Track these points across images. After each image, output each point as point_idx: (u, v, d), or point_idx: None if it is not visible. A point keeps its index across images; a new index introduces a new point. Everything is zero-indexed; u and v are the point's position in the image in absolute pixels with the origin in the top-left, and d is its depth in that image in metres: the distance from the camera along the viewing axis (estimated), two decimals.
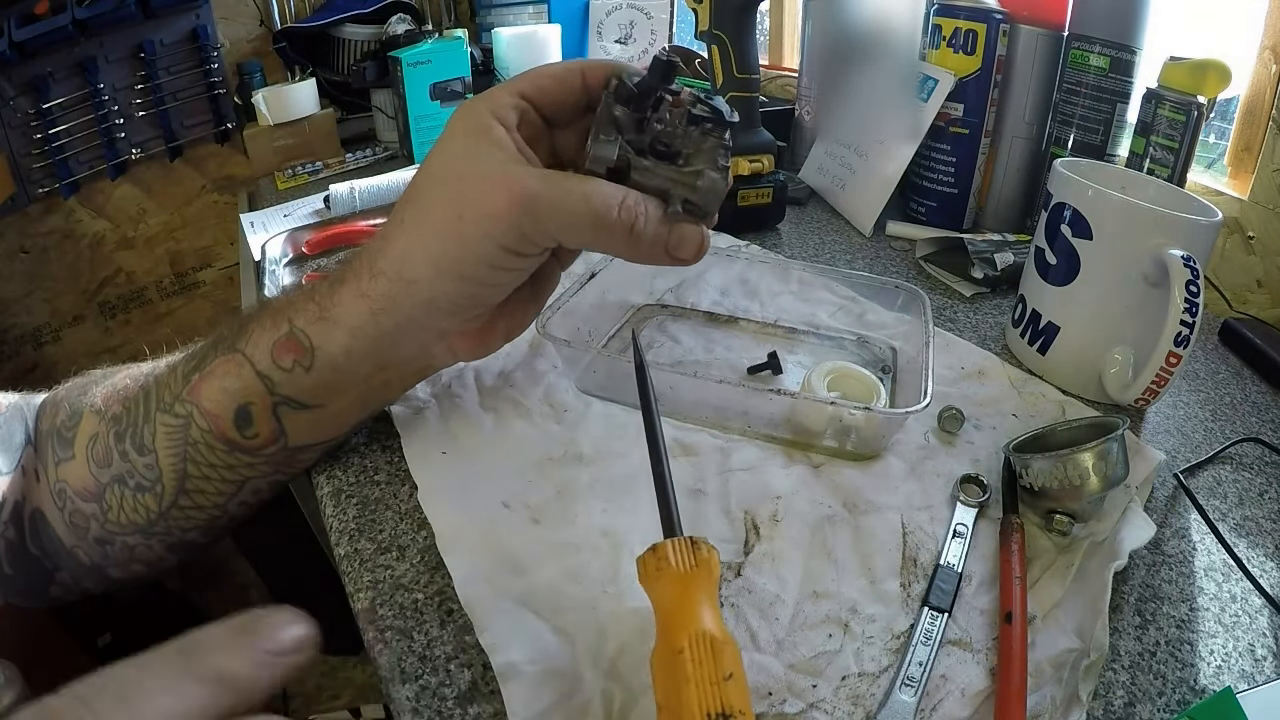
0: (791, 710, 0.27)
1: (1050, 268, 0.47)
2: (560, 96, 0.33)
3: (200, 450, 0.34)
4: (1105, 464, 0.34)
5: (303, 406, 0.34)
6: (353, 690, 1.04)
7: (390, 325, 0.33)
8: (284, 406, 0.34)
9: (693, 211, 0.32)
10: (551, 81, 0.33)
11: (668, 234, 0.32)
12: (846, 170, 0.77)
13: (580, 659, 0.28)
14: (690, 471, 0.38)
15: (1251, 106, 0.61)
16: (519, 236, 0.30)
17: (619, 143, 0.31)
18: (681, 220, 0.32)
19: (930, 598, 0.31)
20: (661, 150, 0.32)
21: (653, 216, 0.31)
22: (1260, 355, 0.52)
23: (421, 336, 0.34)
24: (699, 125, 0.32)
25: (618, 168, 0.31)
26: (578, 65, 0.33)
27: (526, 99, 0.32)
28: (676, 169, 0.32)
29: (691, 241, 0.32)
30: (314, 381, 0.33)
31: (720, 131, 0.32)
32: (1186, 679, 0.30)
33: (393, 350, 0.34)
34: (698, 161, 0.32)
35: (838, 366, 0.43)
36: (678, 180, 0.32)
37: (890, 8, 0.77)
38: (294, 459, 0.36)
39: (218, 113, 1.23)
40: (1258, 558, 0.36)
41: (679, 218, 0.32)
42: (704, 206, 0.32)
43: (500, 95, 0.32)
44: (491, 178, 0.30)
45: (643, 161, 0.32)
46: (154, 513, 0.35)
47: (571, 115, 0.34)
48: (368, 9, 1.07)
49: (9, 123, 1.08)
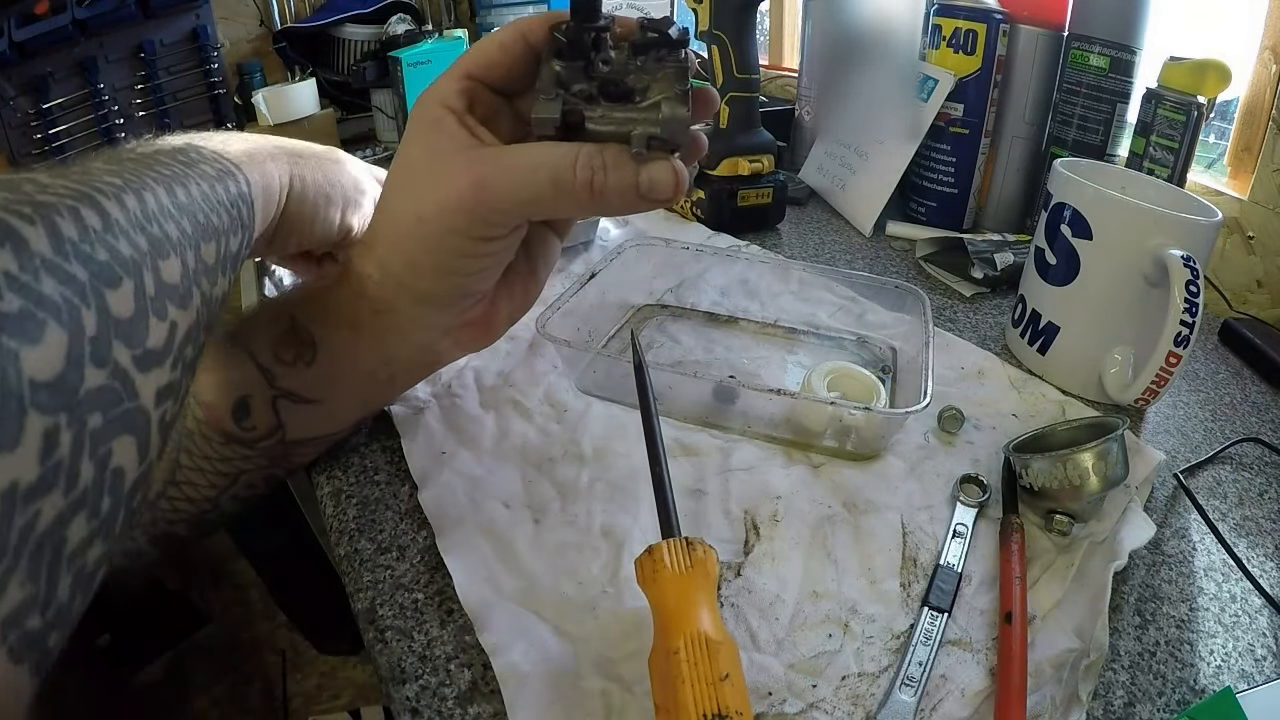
0: (791, 710, 0.27)
1: (1050, 268, 0.47)
2: (508, 64, 0.32)
3: (195, 441, 0.34)
4: (1105, 464, 0.34)
5: (303, 400, 0.34)
6: (353, 690, 1.04)
7: (392, 324, 0.33)
8: (284, 400, 0.34)
9: (659, 147, 0.29)
10: (497, 52, 0.32)
11: (636, 178, 0.29)
12: (846, 170, 0.77)
13: (580, 659, 0.28)
14: (690, 471, 0.38)
15: (1251, 106, 0.61)
16: (480, 222, 0.30)
17: (560, 99, 0.29)
18: (648, 160, 0.29)
19: (930, 598, 0.31)
20: (613, 91, 0.30)
21: (613, 165, 0.29)
22: (1260, 355, 0.52)
23: (424, 334, 0.34)
24: (647, 54, 0.29)
25: (571, 124, 0.29)
26: (517, 27, 0.32)
27: (474, 77, 0.32)
28: (634, 107, 0.29)
29: (664, 180, 0.29)
30: (315, 376, 0.33)
31: (673, 53, 0.29)
32: (1186, 679, 0.30)
33: (399, 346, 0.34)
34: (656, 92, 0.29)
35: (838, 366, 0.43)
36: (636, 119, 0.29)
37: (890, 8, 0.77)
38: (291, 453, 0.36)
39: (218, 113, 1.23)
40: (1258, 558, 0.36)
41: (644, 157, 0.29)
42: (670, 139, 0.29)
43: (445, 82, 0.31)
44: (440, 171, 0.30)
45: (596, 109, 0.29)
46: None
47: (525, 80, 0.33)
48: (368, 9, 1.07)
49: (9, 123, 1.08)
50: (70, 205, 0.19)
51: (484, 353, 0.46)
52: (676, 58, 0.29)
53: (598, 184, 0.29)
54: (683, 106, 0.29)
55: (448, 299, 0.32)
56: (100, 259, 0.19)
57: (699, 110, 0.31)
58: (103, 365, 0.19)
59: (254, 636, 1.13)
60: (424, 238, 0.30)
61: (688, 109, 0.29)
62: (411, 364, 0.36)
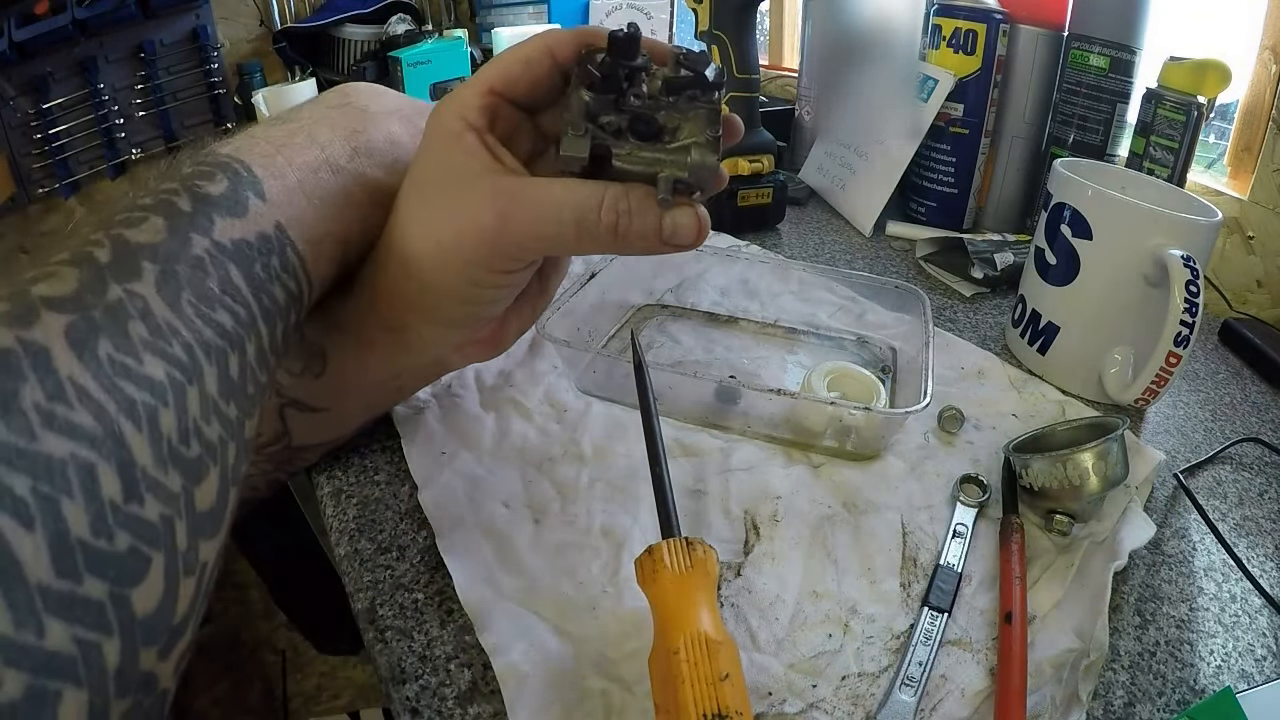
0: (791, 710, 0.27)
1: (1050, 268, 0.47)
2: (532, 81, 0.31)
3: None
4: (1105, 464, 0.34)
5: (310, 409, 0.34)
6: (353, 690, 1.04)
7: (402, 341, 0.32)
8: (291, 409, 0.34)
9: (684, 192, 0.29)
10: (521, 68, 0.30)
11: (659, 223, 0.29)
12: (846, 170, 0.77)
13: (580, 659, 0.28)
14: (690, 471, 0.38)
15: (1251, 107, 0.61)
16: (501, 256, 0.29)
17: (589, 135, 0.28)
18: (673, 205, 0.29)
19: (930, 598, 0.31)
20: (643, 130, 0.29)
21: (638, 210, 0.28)
22: (1260, 355, 0.52)
23: (434, 351, 0.34)
24: (680, 94, 0.28)
25: (598, 156, 0.29)
26: (544, 42, 0.30)
27: (496, 93, 0.30)
28: (662, 148, 0.28)
29: (688, 227, 0.29)
30: (323, 386, 0.33)
31: (707, 95, 0.28)
32: (1186, 679, 0.30)
33: (408, 360, 0.34)
34: (685, 134, 0.28)
35: (838, 366, 0.43)
36: (664, 161, 0.28)
37: (890, 8, 0.77)
38: (295, 458, 0.36)
39: (218, 113, 1.23)
40: (1258, 558, 0.36)
41: (669, 204, 0.29)
42: (697, 185, 0.29)
43: (467, 96, 0.30)
44: (461, 197, 0.28)
45: (624, 146, 0.29)
46: None
47: (549, 96, 0.32)
48: (368, 9, 1.07)
49: (9, 123, 1.08)
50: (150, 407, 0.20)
51: None
52: (710, 100, 0.28)
53: (622, 228, 0.28)
54: (713, 154, 0.28)
55: (461, 323, 0.32)
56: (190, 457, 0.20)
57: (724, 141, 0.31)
58: (190, 573, 0.20)
59: (254, 636, 1.13)
60: (441, 266, 0.29)
61: (718, 157, 0.28)
62: (419, 375, 0.36)
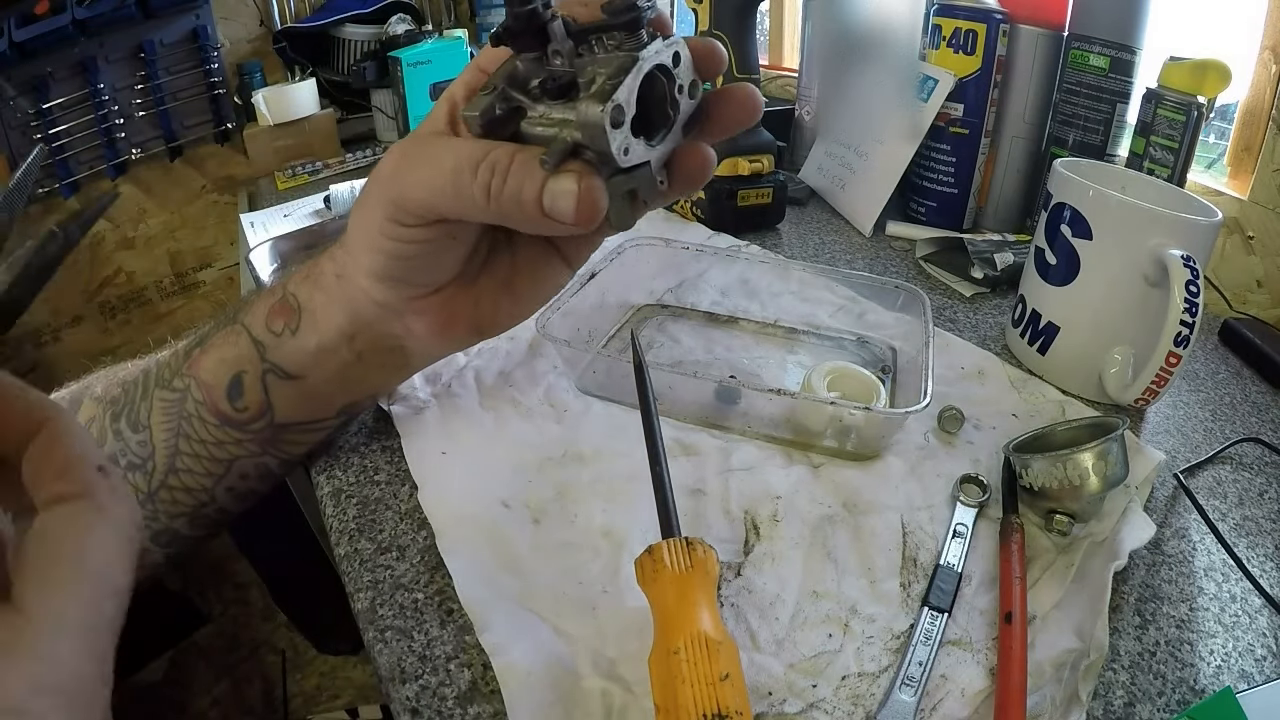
0: (791, 710, 0.27)
1: (1050, 268, 0.47)
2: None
3: (193, 424, 0.35)
4: (1105, 464, 0.34)
5: (287, 376, 0.34)
6: (353, 690, 1.04)
7: (345, 292, 0.33)
8: (271, 375, 0.34)
9: (581, 155, 0.24)
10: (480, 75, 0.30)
11: (537, 190, 0.25)
12: (846, 170, 0.77)
13: (580, 659, 0.28)
14: (690, 471, 0.38)
15: (1251, 107, 0.61)
16: (391, 206, 0.29)
17: (494, 95, 0.25)
18: (558, 172, 0.24)
19: (930, 598, 0.31)
20: (551, 87, 0.25)
21: (516, 172, 0.25)
22: (1260, 355, 0.52)
23: (372, 309, 0.33)
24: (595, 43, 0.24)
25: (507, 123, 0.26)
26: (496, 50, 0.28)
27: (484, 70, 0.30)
28: (569, 105, 0.24)
29: (565, 196, 0.24)
30: (298, 346, 0.34)
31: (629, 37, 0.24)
32: (1186, 679, 0.30)
33: (353, 316, 0.33)
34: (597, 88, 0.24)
35: (838, 366, 0.43)
36: (565, 121, 0.24)
37: (890, 8, 0.77)
38: (280, 439, 0.36)
39: (218, 113, 1.23)
40: (1258, 558, 0.36)
41: (548, 166, 0.24)
42: (593, 146, 0.24)
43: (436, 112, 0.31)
44: (393, 149, 0.30)
45: (537, 108, 0.25)
46: (142, 494, 0.36)
47: None
48: (368, 9, 1.07)
49: (9, 123, 1.08)
50: None
51: (484, 352, 0.46)
52: (630, 40, 0.24)
53: (494, 189, 0.25)
54: (598, 104, 0.23)
55: (383, 275, 0.32)
56: None
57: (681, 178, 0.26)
58: None
59: (254, 636, 1.13)
60: (360, 206, 0.31)
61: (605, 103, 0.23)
62: (374, 345, 0.35)
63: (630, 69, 0.23)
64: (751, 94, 0.27)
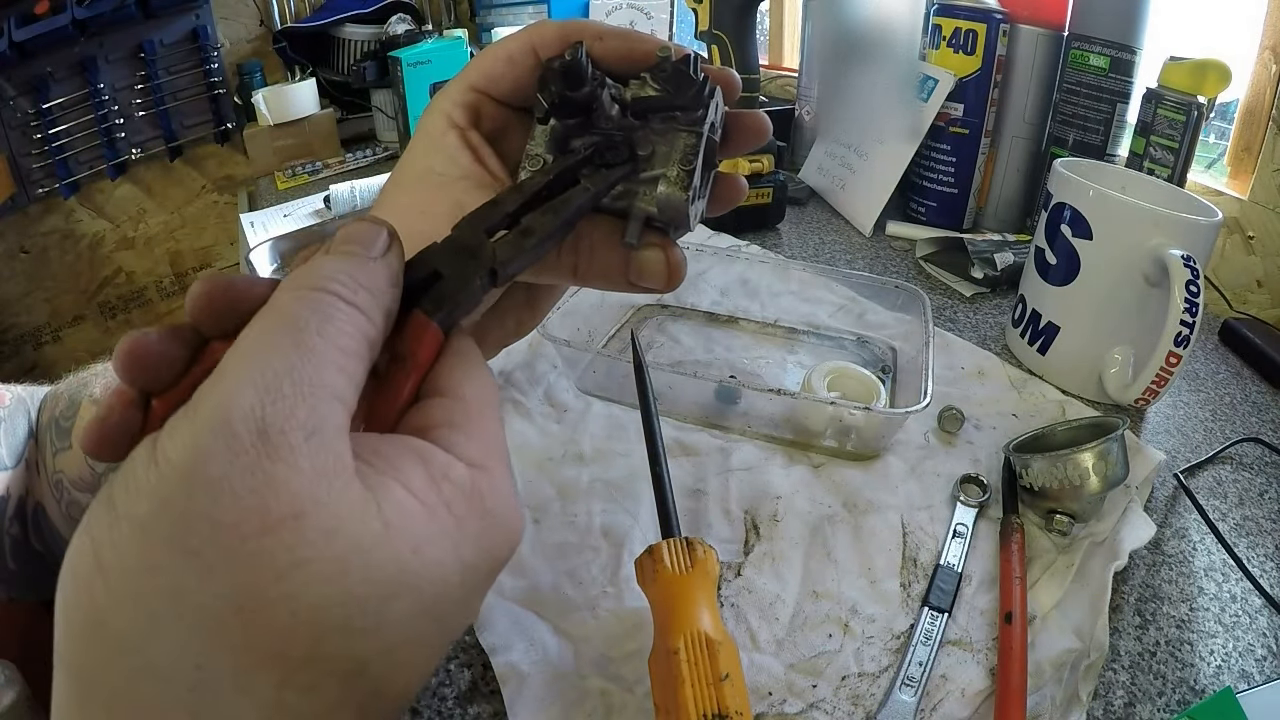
0: (791, 710, 0.27)
1: (1050, 268, 0.47)
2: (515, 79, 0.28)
3: None
4: (1105, 464, 0.34)
5: None
6: None
7: None
8: None
9: (657, 228, 0.25)
10: (503, 65, 0.28)
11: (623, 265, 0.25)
12: (846, 170, 0.77)
13: (580, 659, 0.28)
14: (690, 471, 0.38)
15: (1251, 107, 0.61)
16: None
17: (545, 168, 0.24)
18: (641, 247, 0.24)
19: (930, 598, 0.31)
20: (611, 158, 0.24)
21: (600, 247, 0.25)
22: (1260, 355, 0.52)
23: None
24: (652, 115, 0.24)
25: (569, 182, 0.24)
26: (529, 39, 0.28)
27: (478, 90, 0.28)
28: (635, 178, 0.24)
29: (654, 268, 0.25)
30: None
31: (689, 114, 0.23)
32: (1186, 679, 0.30)
33: None
34: (658, 163, 0.24)
35: (838, 366, 0.43)
36: (636, 193, 0.24)
37: (890, 8, 0.77)
38: None
39: (218, 113, 1.23)
40: (1258, 558, 0.36)
41: (634, 246, 0.24)
42: (669, 222, 0.24)
43: (451, 92, 0.28)
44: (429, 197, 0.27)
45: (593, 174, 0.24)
46: None
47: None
48: (368, 9, 1.07)
49: (9, 123, 1.08)
50: None
51: None
52: (691, 119, 0.24)
53: (581, 270, 0.25)
54: (682, 190, 0.23)
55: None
56: None
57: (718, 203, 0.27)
58: None
59: None
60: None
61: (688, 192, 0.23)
62: None
63: (698, 149, 0.23)
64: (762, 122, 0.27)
